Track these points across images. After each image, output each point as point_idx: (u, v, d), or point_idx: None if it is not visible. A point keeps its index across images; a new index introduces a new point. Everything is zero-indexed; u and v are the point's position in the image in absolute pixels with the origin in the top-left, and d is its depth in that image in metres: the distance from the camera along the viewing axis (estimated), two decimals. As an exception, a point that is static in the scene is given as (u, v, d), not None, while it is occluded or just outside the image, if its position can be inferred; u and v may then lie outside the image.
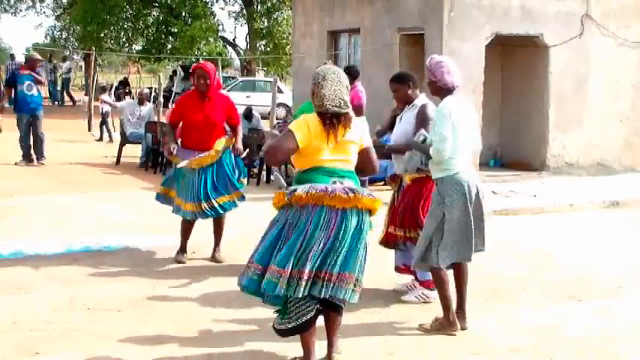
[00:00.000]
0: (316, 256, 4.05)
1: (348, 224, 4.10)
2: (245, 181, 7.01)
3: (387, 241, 5.75)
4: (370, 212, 4.24)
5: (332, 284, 4.07)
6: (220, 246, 6.98)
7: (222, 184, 6.73)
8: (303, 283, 4.03)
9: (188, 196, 6.62)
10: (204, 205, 6.62)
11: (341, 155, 4.22)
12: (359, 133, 4.31)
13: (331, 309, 4.32)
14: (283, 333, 4.30)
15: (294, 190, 4.10)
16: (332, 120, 4.16)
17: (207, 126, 6.66)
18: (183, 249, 6.89)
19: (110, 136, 17.07)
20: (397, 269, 5.88)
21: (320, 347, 4.39)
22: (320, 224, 4.07)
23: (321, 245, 4.05)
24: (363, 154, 4.35)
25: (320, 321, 4.35)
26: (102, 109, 17.25)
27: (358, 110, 9.05)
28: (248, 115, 12.74)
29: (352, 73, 9.15)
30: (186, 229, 6.86)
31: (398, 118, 5.79)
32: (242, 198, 6.92)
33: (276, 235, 4.18)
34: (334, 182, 4.15)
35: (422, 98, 5.66)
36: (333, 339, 4.38)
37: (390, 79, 5.81)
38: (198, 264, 6.79)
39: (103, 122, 17.23)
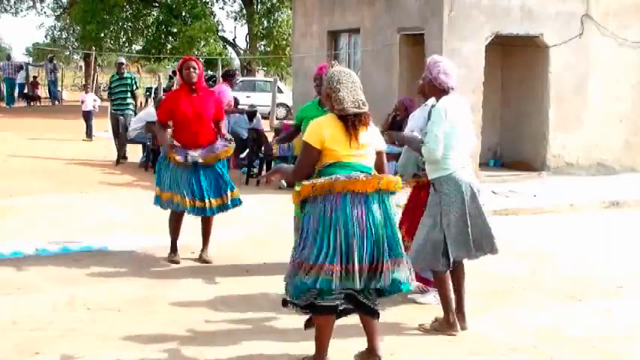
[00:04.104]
0: (364, 248, 4.09)
1: (372, 209, 4.15)
2: (235, 194, 6.87)
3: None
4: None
5: (389, 271, 4.16)
6: (208, 246, 6.93)
7: (215, 186, 6.71)
8: (357, 275, 4.07)
9: (188, 192, 6.61)
10: (198, 202, 6.61)
11: (360, 151, 4.26)
12: (375, 137, 4.38)
13: (365, 313, 4.33)
14: (306, 308, 4.27)
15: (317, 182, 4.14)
16: (354, 121, 4.22)
17: (197, 121, 6.65)
18: (174, 248, 6.86)
19: (90, 134, 17.06)
20: None
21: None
22: (348, 214, 4.09)
23: (361, 236, 4.09)
24: (377, 157, 4.39)
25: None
26: (84, 107, 17.32)
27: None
28: (251, 115, 12.69)
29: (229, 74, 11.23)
30: (177, 224, 6.83)
31: (411, 116, 5.78)
32: (235, 202, 6.83)
33: (315, 232, 4.14)
34: None
35: (433, 99, 5.67)
36: (375, 342, 4.36)
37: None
38: (198, 264, 6.78)
39: (87, 120, 17.27)
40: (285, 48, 30.77)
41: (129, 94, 13.92)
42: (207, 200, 6.65)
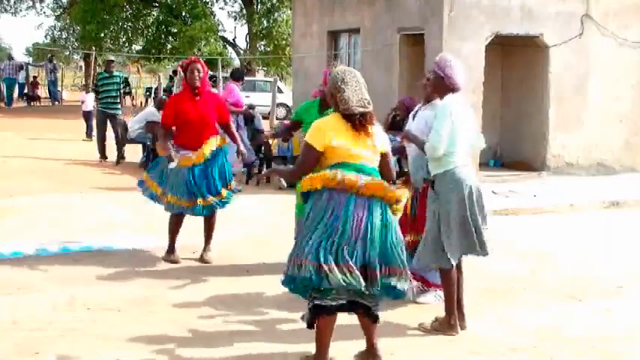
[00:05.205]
0: (360, 250, 4.09)
1: (374, 214, 4.15)
2: (233, 185, 6.88)
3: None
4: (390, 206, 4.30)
5: (385, 276, 4.16)
6: (210, 246, 6.93)
7: (210, 183, 6.69)
8: (358, 275, 4.06)
9: (184, 193, 6.60)
10: (200, 201, 6.60)
11: (365, 152, 4.26)
12: (379, 139, 4.37)
13: (365, 315, 4.33)
14: (318, 311, 4.24)
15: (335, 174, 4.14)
16: (360, 120, 4.24)
17: (200, 124, 6.64)
18: (172, 248, 6.84)
19: (90, 134, 16.98)
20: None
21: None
22: (350, 215, 4.10)
23: (359, 238, 4.09)
24: (381, 159, 4.39)
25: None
26: (84, 107, 17.29)
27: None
28: (250, 116, 12.58)
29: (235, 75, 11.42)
30: (177, 225, 6.81)
31: (411, 116, 5.78)
32: (224, 202, 6.80)
33: (320, 229, 4.13)
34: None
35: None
36: (373, 342, 4.36)
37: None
38: (198, 264, 6.78)
39: (87, 120, 17.22)
40: (285, 48, 30.77)
41: (118, 94, 13.83)
42: (198, 199, 6.63)
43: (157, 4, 32.99)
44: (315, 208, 4.16)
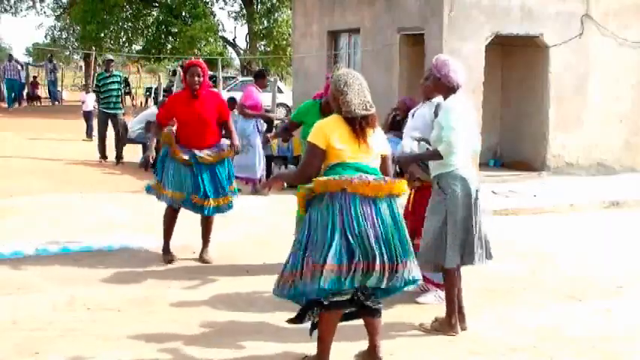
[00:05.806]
0: (381, 247, 4.08)
1: (381, 210, 4.15)
2: (235, 186, 6.91)
3: None
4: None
5: (403, 271, 4.14)
6: (209, 246, 6.93)
7: (215, 186, 6.70)
8: (379, 273, 4.07)
9: (188, 189, 6.60)
10: (198, 200, 6.59)
11: (366, 154, 4.27)
12: (379, 140, 4.38)
13: (368, 313, 4.33)
14: (326, 309, 4.23)
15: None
16: (361, 123, 4.25)
17: (200, 124, 6.65)
18: (167, 247, 6.83)
19: (90, 134, 16.97)
20: None
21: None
22: (359, 214, 4.09)
23: (372, 236, 4.08)
24: (381, 162, 4.40)
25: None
26: (84, 107, 17.31)
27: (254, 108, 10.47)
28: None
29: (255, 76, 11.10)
30: (170, 223, 6.79)
31: (410, 114, 5.78)
32: (229, 206, 6.82)
33: (324, 231, 4.10)
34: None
35: (439, 98, 5.67)
36: (376, 342, 4.36)
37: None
38: (198, 264, 6.78)
39: (87, 120, 17.22)
40: (285, 48, 30.78)
41: (119, 93, 13.82)
42: (206, 199, 6.64)
43: (156, 4, 33.01)
44: (320, 212, 4.13)
